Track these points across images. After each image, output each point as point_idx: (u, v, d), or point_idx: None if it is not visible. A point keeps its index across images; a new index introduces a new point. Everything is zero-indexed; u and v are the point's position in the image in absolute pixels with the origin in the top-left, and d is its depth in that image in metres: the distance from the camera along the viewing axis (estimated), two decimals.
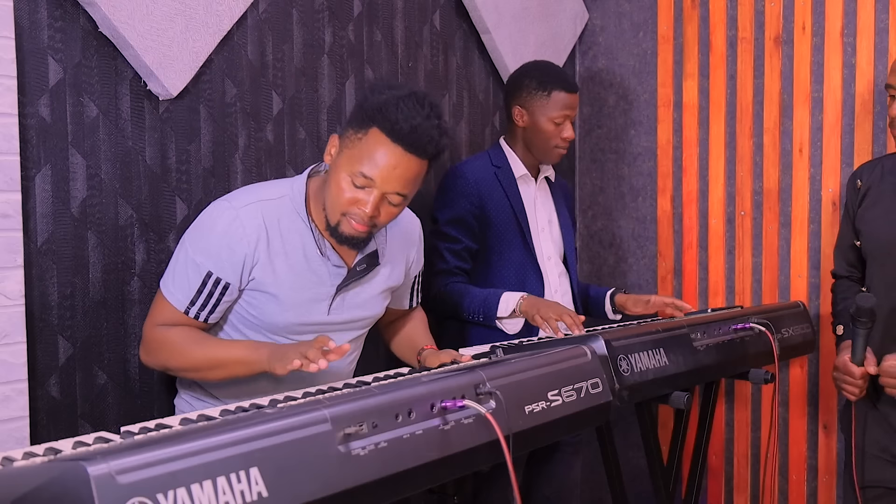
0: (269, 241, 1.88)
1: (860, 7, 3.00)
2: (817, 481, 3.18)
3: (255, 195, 1.92)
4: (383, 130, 1.78)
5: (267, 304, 1.92)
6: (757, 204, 3.27)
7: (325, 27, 2.62)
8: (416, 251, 2.20)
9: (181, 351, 1.87)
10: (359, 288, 2.02)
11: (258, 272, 1.88)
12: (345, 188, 1.82)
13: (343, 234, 1.87)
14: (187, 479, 1.08)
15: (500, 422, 1.46)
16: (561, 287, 2.76)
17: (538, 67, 2.77)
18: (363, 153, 1.80)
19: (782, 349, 2.56)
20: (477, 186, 2.63)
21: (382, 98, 1.81)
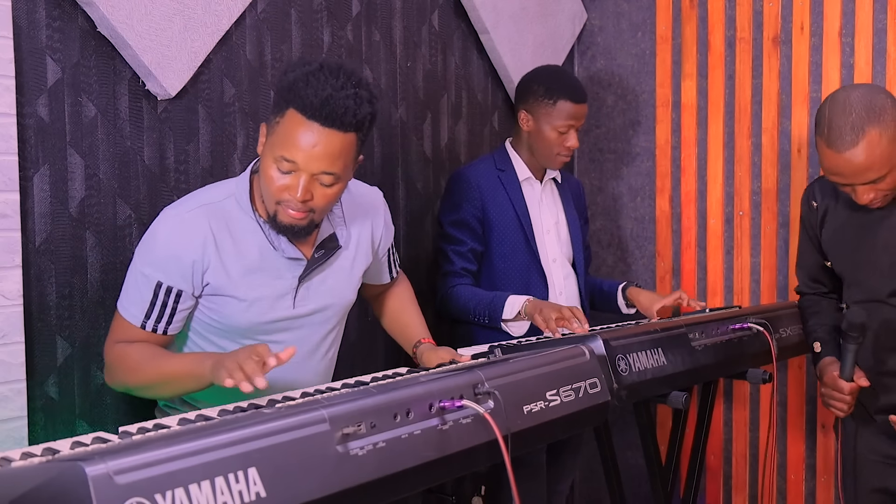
0: (218, 243, 1.82)
1: (858, 7, 3.00)
2: (815, 481, 3.18)
3: (200, 199, 1.87)
4: (297, 109, 1.71)
5: (227, 307, 1.87)
6: (755, 204, 3.27)
7: (324, 27, 2.62)
8: (382, 224, 2.12)
9: (136, 368, 1.82)
10: (323, 275, 1.95)
11: (211, 277, 1.83)
12: (273, 176, 1.75)
13: (282, 224, 1.80)
14: (185, 480, 1.08)
15: (498, 422, 1.46)
16: (566, 289, 2.75)
17: (548, 74, 2.76)
18: (283, 137, 1.73)
19: (780, 349, 2.56)
20: (479, 190, 2.65)
21: (293, 76, 1.74)
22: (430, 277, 3.02)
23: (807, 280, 2.49)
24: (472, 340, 2.57)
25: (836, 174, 2.06)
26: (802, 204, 2.44)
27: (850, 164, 2.01)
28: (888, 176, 2.04)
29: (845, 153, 2.01)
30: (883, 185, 2.05)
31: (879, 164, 2.01)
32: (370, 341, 2.82)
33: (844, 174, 2.04)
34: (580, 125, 2.72)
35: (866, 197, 2.07)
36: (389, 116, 2.86)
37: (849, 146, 2.00)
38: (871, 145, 1.99)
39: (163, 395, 1.90)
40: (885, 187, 2.06)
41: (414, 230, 2.97)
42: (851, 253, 2.27)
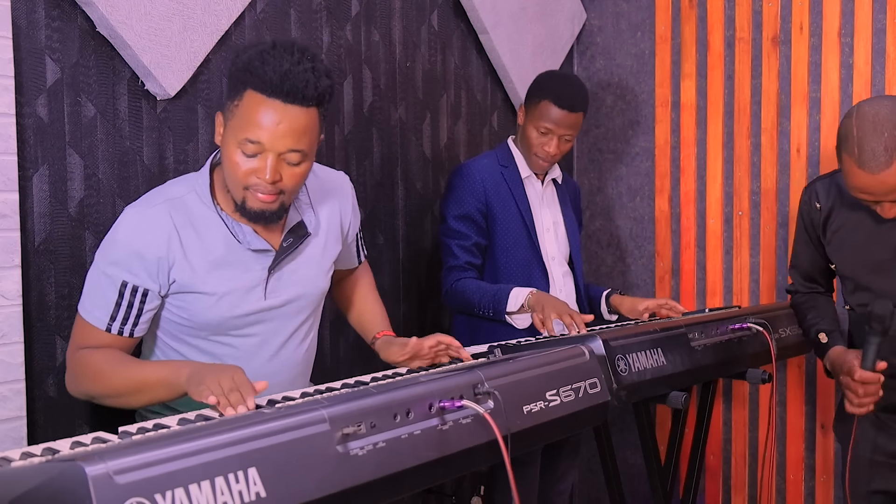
0: (182, 239, 1.77)
1: (858, 7, 3.01)
2: (815, 481, 3.18)
3: (161, 195, 1.81)
4: (256, 89, 1.67)
5: (196, 304, 1.81)
6: (755, 204, 3.27)
7: (323, 27, 2.61)
8: (350, 209, 2.06)
9: (101, 375, 1.74)
10: (293, 264, 1.90)
11: (177, 273, 1.77)
12: (238, 161, 1.70)
13: (253, 211, 1.74)
14: (185, 480, 1.08)
15: (498, 422, 1.46)
16: (566, 287, 2.77)
17: (549, 75, 2.78)
18: (244, 119, 1.68)
19: (780, 349, 2.56)
20: (483, 184, 2.65)
21: (247, 56, 1.70)
22: (429, 276, 3.03)
23: (801, 280, 2.48)
24: (475, 333, 2.58)
25: (867, 192, 2.03)
26: (802, 204, 2.42)
27: (884, 185, 1.99)
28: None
29: (880, 174, 1.97)
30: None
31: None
32: None
33: (876, 193, 2.02)
34: (564, 133, 2.65)
35: (892, 212, 2.06)
36: (389, 116, 2.86)
37: (883, 167, 1.96)
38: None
39: (130, 404, 1.79)
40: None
41: (413, 230, 2.97)
42: (861, 257, 2.25)
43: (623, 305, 2.77)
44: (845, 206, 2.28)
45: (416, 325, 2.99)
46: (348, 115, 2.71)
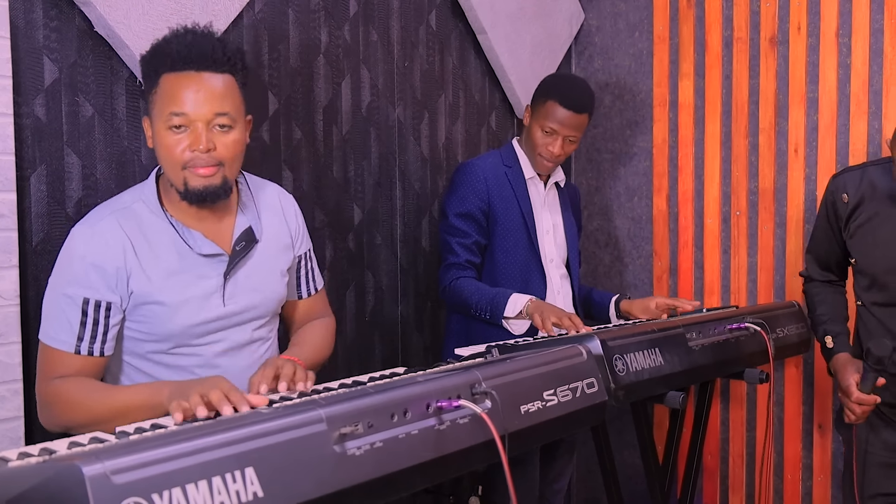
0: (136, 248, 1.75)
1: (855, 7, 3.01)
2: (812, 481, 3.18)
3: (108, 208, 1.80)
4: (168, 70, 1.70)
5: (155, 316, 1.77)
6: (752, 204, 3.27)
7: (321, 27, 2.62)
8: (294, 222, 2.02)
9: (78, 403, 1.70)
10: (247, 270, 1.87)
11: (135, 284, 1.75)
12: (170, 142, 1.70)
13: (196, 190, 1.73)
14: (182, 479, 1.08)
15: (495, 422, 1.46)
16: (563, 290, 2.77)
17: (556, 77, 2.81)
18: (165, 98, 1.70)
19: (777, 349, 2.56)
20: (486, 183, 2.66)
21: (152, 47, 1.75)
22: (427, 276, 3.03)
23: (817, 267, 2.48)
24: (469, 334, 2.58)
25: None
26: (828, 194, 2.42)
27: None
28: None
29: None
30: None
31: None
32: (367, 341, 2.82)
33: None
34: (569, 134, 2.66)
35: None
36: (387, 116, 2.87)
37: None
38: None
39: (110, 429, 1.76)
40: None
41: (411, 230, 2.97)
42: (883, 254, 2.25)
43: (634, 307, 2.76)
44: (875, 200, 2.27)
45: (414, 324, 3.00)
46: (346, 115, 2.71)
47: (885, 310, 2.24)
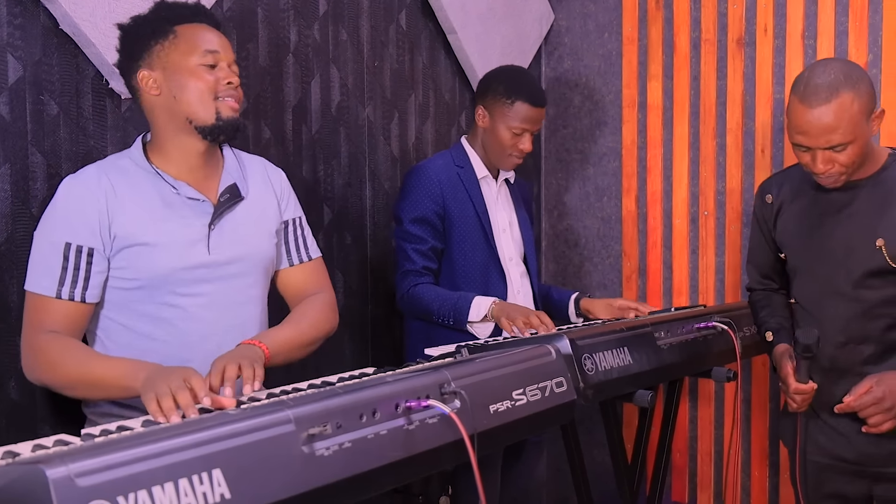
0: (118, 193, 1.82)
1: (820, 10, 3.05)
2: (779, 478, 3.22)
3: (94, 164, 1.89)
4: (182, 21, 1.87)
5: (140, 257, 1.81)
6: (720, 204, 3.31)
7: (291, 26, 2.60)
8: (280, 187, 2.08)
9: (57, 364, 1.73)
10: (233, 223, 1.93)
11: (118, 228, 1.80)
12: (205, 77, 1.84)
13: (230, 119, 1.86)
14: (148, 482, 1.07)
15: (464, 421, 1.46)
16: (523, 288, 2.76)
17: (510, 73, 2.74)
18: (190, 44, 1.85)
19: (744, 347, 2.59)
20: (440, 186, 2.62)
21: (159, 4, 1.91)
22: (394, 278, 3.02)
23: (758, 277, 2.51)
24: (432, 340, 2.56)
25: (803, 133, 2.09)
26: (756, 199, 2.46)
27: (818, 122, 2.05)
28: (850, 147, 2.07)
29: (816, 109, 2.05)
30: (843, 156, 2.08)
31: (846, 127, 2.04)
32: (337, 341, 2.81)
33: (810, 133, 2.07)
34: (536, 129, 2.69)
35: (824, 166, 2.10)
36: (357, 116, 2.86)
37: (822, 102, 2.04)
38: (842, 107, 2.04)
39: (84, 397, 1.82)
40: (844, 160, 2.09)
41: (381, 229, 2.97)
42: (807, 242, 2.29)
43: (595, 306, 2.76)
44: (798, 194, 2.33)
45: (384, 324, 2.99)
46: (316, 115, 2.70)
47: (815, 301, 2.28)
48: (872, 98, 2.10)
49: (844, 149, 2.07)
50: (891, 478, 2.23)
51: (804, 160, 2.15)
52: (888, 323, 2.18)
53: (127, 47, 1.88)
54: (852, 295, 2.20)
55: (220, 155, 1.98)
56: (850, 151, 2.08)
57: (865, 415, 2.16)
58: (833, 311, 2.23)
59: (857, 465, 2.25)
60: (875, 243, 2.16)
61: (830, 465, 2.29)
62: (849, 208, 2.21)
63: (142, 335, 1.85)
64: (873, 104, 2.11)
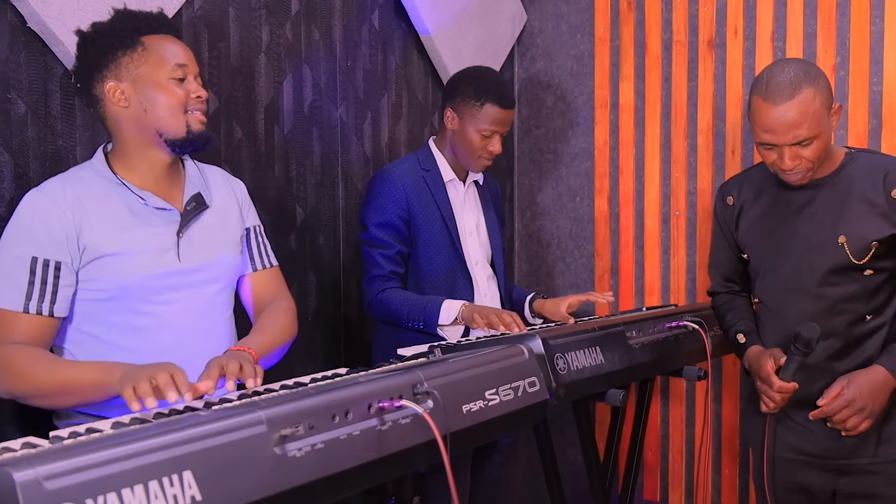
0: (85, 206, 1.80)
1: (790, 12, 3.08)
2: (749, 475, 3.25)
3: (56, 177, 1.87)
4: (148, 31, 1.87)
5: (112, 267, 1.80)
6: (691, 204, 3.33)
7: (263, 25, 2.59)
8: (241, 195, 2.11)
9: (25, 374, 1.70)
10: (200, 232, 1.94)
11: (86, 239, 1.78)
12: (175, 91, 1.85)
13: (199, 132, 1.88)
14: (118, 484, 1.06)
15: (437, 421, 1.46)
16: (489, 291, 2.75)
17: (479, 75, 2.71)
18: (160, 57, 1.85)
19: (715, 346, 2.61)
20: (405, 191, 2.60)
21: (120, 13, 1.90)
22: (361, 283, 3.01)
23: (720, 280, 2.52)
24: (400, 344, 2.55)
25: (770, 130, 2.12)
26: (716, 201, 2.48)
27: (784, 118, 2.09)
28: (815, 142, 2.11)
29: (780, 106, 2.09)
30: (808, 151, 2.12)
31: (811, 122, 2.09)
32: (310, 342, 2.80)
33: (777, 130, 2.11)
34: (505, 131, 2.68)
35: (791, 163, 2.13)
36: (329, 116, 2.85)
37: (786, 99, 2.09)
38: (805, 102, 2.08)
39: (57, 405, 1.79)
40: (810, 155, 2.12)
41: (354, 230, 2.96)
42: (770, 242, 2.31)
43: (545, 308, 2.75)
44: (760, 193, 2.35)
45: (357, 325, 2.99)
46: (288, 115, 2.69)
47: (779, 300, 2.30)
48: (831, 93, 2.16)
49: (810, 143, 2.11)
50: (853, 470, 2.26)
51: (770, 159, 2.17)
52: (851, 318, 2.21)
53: (90, 55, 1.85)
54: (816, 292, 2.23)
55: (181, 165, 1.99)
56: (815, 146, 2.12)
57: (840, 418, 2.19)
58: (797, 309, 2.25)
59: (822, 458, 2.28)
60: (837, 240, 2.19)
61: (796, 460, 2.32)
62: (810, 207, 2.25)
63: (115, 345, 1.83)
64: (832, 99, 2.16)
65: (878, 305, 2.22)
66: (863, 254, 2.17)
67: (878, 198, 2.18)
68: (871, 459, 2.24)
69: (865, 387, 2.17)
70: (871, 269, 2.18)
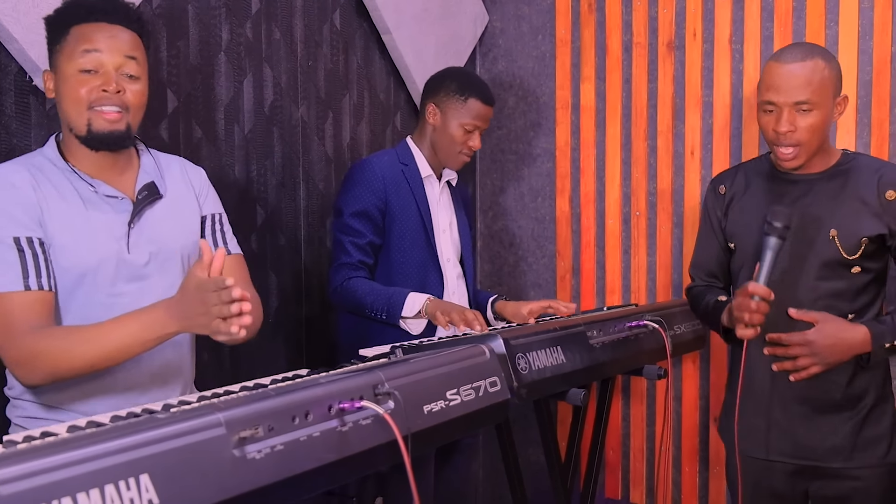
0: (41, 188, 1.75)
1: (747, 15, 3.12)
2: (709, 472, 3.29)
3: (10, 161, 1.82)
4: (80, 21, 1.76)
5: (64, 254, 1.75)
6: (651, 204, 3.36)
7: (223, 24, 2.57)
8: (198, 183, 2.04)
9: (69, 355, 1.67)
10: (152, 221, 1.88)
11: (46, 224, 1.74)
12: (79, 80, 1.74)
13: (101, 133, 1.76)
14: (73, 488, 1.04)
15: (398, 422, 1.46)
16: (458, 289, 2.77)
17: (462, 73, 2.82)
18: (76, 42, 1.75)
19: (675, 345, 2.64)
20: (384, 182, 2.62)
21: (62, 4, 1.82)
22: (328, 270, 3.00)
23: (703, 275, 2.50)
24: (364, 334, 2.56)
25: (774, 87, 2.18)
26: (708, 193, 2.48)
27: (790, 75, 2.16)
28: (814, 113, 2.16)
29: (790, 64, 2.17)
30: (805, 122, 2.16)
31: (816, 87, 2.15)
32: (271, 343, 2.78)
33: (781, 87, 2.17)
34: (485, 128, 2.76)
35: (787, 126, 2.17)
36: (290, 115, 2.83)
37: (797, 60, 2.17)
38: (815, 67, 2.16)
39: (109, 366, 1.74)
40: (805, 126, 2.16)
41: (315, 230, 2.95)
42: (758, 232, 2.30)
43: (507, 310, 2.76)
44: (750, 184, 2.37)
45: (318, 326, 2.97)
46: (248, 114, 2.67)
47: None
48: (840, 80, 2.22)
49: (810, 111, 2.16)
50: (827, 474, 2.28)
51: (768, 125, 2.21)
52: (836, 314, 2.23)
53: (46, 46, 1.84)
54: (802, 285, 2.25)
55: (133, 154, 1.92)
56: (813, 119, 2.16)
57: (792, 353, 2.21)
58: (780, 300, 2.27)
59: (796, 459, 2.29)
60: (829, 234, 2.22)
61: (769, 464, 2.33)
62: (803, 200, 2.27)
63: None
64: (840, 86, 2.22)
65: (861, 306, 2.24)
66: (853, 250, 2.20)
67: (871, 198, 2.22)
68: (844, 464, 2.26)
69: (830, 338, 2.18)
70: (860, 266, 2.22)
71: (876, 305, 2.27)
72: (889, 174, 2.23)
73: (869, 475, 2.25)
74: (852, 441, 2.25)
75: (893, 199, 2.21)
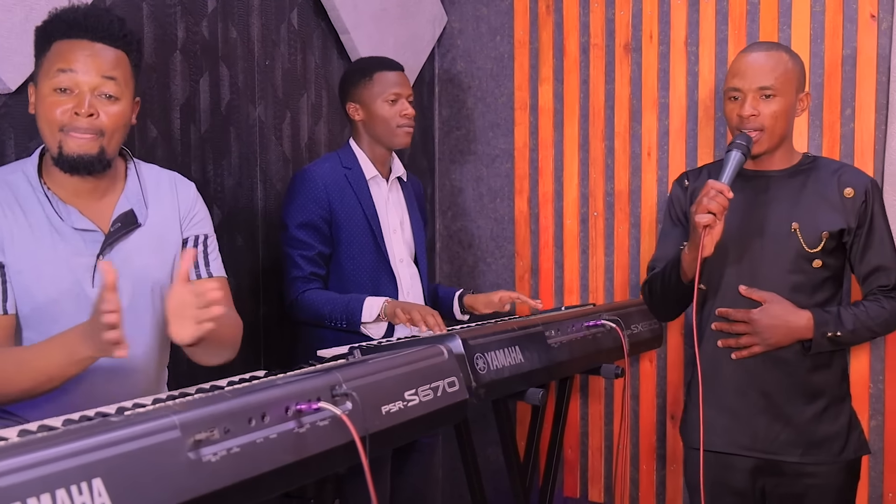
0: (7, 214, 1.70)
1: (702, 18, 3.16)
2: (666, 470, 3.32)
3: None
4: (61, 37, 1.70)
5: (24, 284, 1.70)
6: (609, 205, 3.39)
7: (178, 22, 2.54)
8: (186, 205, 1.95)
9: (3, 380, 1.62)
10: (124, 253, 1.80)
11: (7, 248, 1.69)
12: (52, 100, 1.67)
13: (71, 157, 1.68)
14: (24, 493, 1.02)
15: (356, 423, 1.45)
16: (413, 289, 2.76)
17: (357, 62, 2.84)
18: (53, 60, 1.69)
19: (632, 345, 2.66)
20: (326, 190, 2.60)
21: (49, 16, 1.76)
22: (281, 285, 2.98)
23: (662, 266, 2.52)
24: (324, 343, 2.54)
25: (739, 74, 2.26)
26: (673, 187, 2.51)
27: (755, 62, 2.25)
28: (777, 100, 2.23)
29: (755, 52, 2.28)
30: (768, 108, 2.23)
31: (779, 75, 2.24)
32: None
33: (745, 73, 2.25)
34: (408, 95, 2.72)
35: (749, 110, 2.22)
36: (247, 115, 2.81)
37: (762, 50, 2.28)
38: (780, 58, 2.26)
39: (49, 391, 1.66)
40: (769, 112, 2.23)
41: (273, 230, 2.92)
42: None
43: (478, 301, 2.79)
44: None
45: (276, 327, 2.95)
46: (205, 114, 2.64)
47: (725, 283, 2.34)
48: (804, 77, 2.32)
49: (773, 98, 2.23)
50: (782, 471, 2.30)
51: (733, 111, 2.27)
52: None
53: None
54: (762, 277, 2.29)
55: (119, 176, 1.84)
56: (776, 106, 2.23)
57: (735, 329, 2.29)
58: (745, 297, 2.30)
59: (754, 453, 2.31)
60: (791, 226, 2.27)
61: (729, 459, 2.35)
62: (765, 195, 2.32)
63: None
64: (804, 83, 2.31)
65: (819, 302, 2.28)
66: (814, 243, 2.26)
67: (832, 194, 2.29)
68: (801, 459, 2.28)
69: (774, 319, 2.24)
70: (821, 260, 2.27)
71: (833, 304, 2.31)
72: (848, 173, 2.32)
73: (824, 472, 2.29)
74: (808, 436, 2.28)
75: (851, 196, 2.28)
